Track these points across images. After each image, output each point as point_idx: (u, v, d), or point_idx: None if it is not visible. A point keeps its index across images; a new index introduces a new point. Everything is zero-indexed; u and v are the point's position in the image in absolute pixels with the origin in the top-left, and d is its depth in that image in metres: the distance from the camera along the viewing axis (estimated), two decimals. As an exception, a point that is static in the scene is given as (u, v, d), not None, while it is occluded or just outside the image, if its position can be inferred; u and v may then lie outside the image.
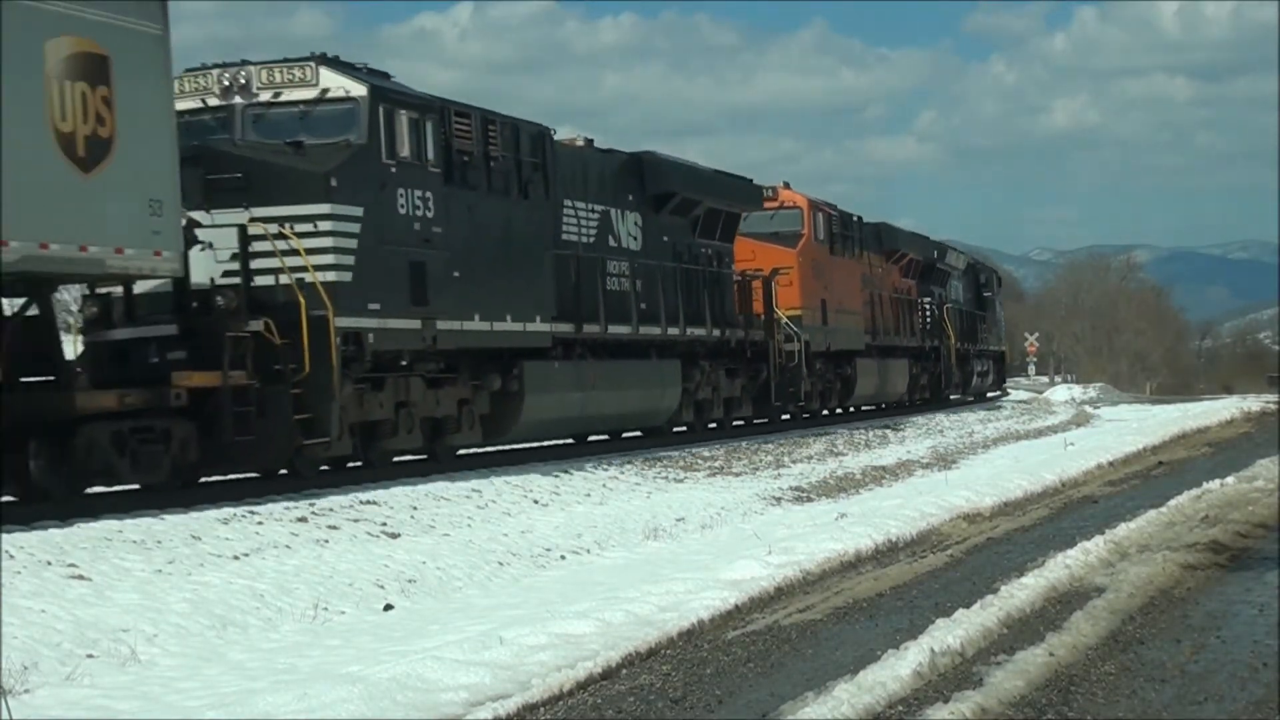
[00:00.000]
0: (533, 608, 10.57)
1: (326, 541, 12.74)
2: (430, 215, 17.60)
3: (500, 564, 12.97)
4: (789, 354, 27.98)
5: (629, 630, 9.48)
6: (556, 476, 17.93)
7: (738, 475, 20.42)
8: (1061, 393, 55.29)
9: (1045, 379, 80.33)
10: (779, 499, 18.35)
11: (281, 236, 15.87)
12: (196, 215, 15.46)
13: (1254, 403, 40.49)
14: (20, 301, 13.97)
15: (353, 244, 16.43)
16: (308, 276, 15.76)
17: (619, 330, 21.86)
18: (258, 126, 17.04)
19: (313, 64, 17.11)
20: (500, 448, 20.72)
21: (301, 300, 15.51)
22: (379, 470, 17.13)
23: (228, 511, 13.39)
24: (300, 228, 15.98)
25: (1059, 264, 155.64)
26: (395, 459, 17.77)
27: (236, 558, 11.73)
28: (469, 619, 10.32)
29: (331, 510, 13.99)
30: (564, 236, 20.87)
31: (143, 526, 12.35)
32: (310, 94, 17.02)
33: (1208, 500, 15.31)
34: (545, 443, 21.93)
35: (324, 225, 16.18)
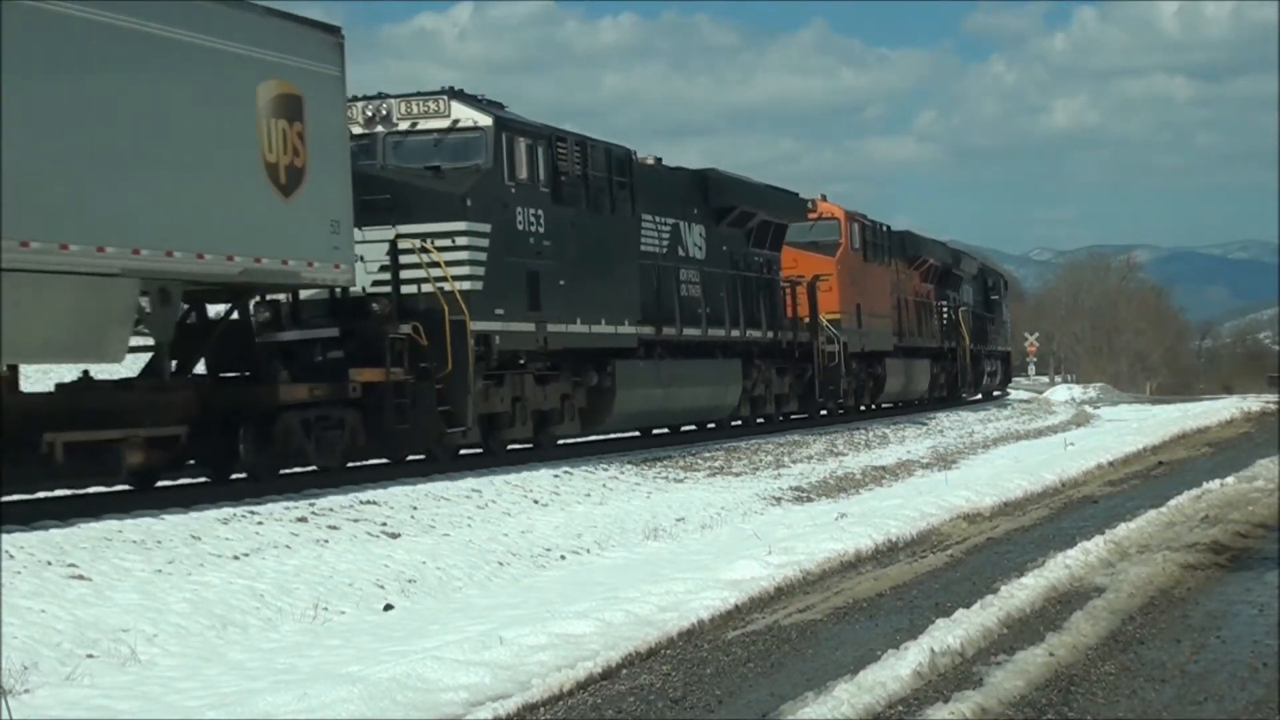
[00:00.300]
0: (533, 608, 10.57)
1: (326, 541, 12.74)
2: (541, 230, 19.88)
3: (500, 564, 12.97)
4: (829, 354, 30.26)
5: (629, 630, 9.48)
6: (557, 476, 17.94)
7: (738, 475, 20.43)
8: (1061, 393, 55.29)
9: (1045, 379, 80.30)
10: (779, 499, 18.35)
11: (424, 250, 17.93)
12: None
13: (1254, 403, 40.50)
14: (223, 308, 16.37)
15: (483, 256, 18.63)
16: (446, 285, 17.86)
17: (691, 333, 24.30)
18: (397, 152, 19.26)
19: (444, 97, 19.38)
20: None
21: (444, 307, 17.63)
22: (379, 470, 17.45)
23: (228, 511, 13.39)
24: (440, 242, 18.11)
25: (1059, 264, 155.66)
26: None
27: (236, 558, 11.73)
28: (469, 619, 10.32)
29: (331, 510, 13.99)
30: (643, 247, 23.08)
31: (143, 526, 12.34)
32: (443, 124, 19.29)
33: (1208, 500, 15.31)
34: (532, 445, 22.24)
35: (460, 240, 18.41)
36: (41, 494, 14.65)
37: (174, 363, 15.23)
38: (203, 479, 15.99)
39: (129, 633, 9.44)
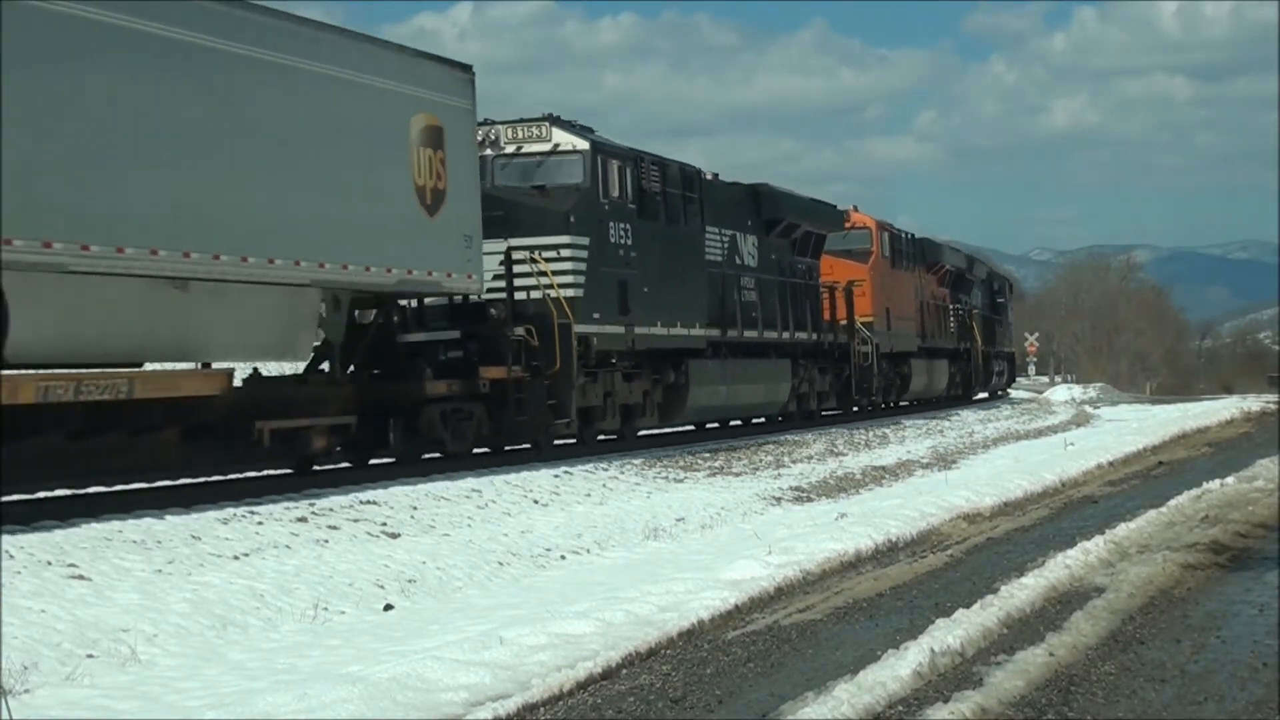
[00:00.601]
0: (533, 608, 10.57)
1: (326, 541, 12.74)
2: (629, 243, 22.27)
3: (500, 564, 12.97)
4: (863, 355, 32.82)
5: (629, 630, 9.48)
6: (557, 476, 17.94)
7: (737, 475, 20.42)
8: (1061, 393, 55.31)
9: (1045, 379, 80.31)
10: (779, 499, 18.34)
11: (533, 260, 20.13)
12: None
13: (1254, 403, 40.53)
14: (373, 313, 18.45)
15: (583, 267, 20.95)
16: (552, 292, 20.07)
17: (749, 335, 26.59)
18: (504, 173, 21.32)
19: (546, 123, 21.75)
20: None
21: (553, 312, 19.82)
22: (379, 470, 17.57)
23: (228, 511, 13.39)
24: (547, 254, 20.35)
25: (1059, 264, 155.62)
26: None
27: (236, 558, 11.73)
28: (469, 619, 10.32)
29: (331, 510, 13.99)
30: (708, 257, 25.32)
31: (143, 526, 12.35)
32: (545, 147, 21.60)
33: (1208, 500, 15.31)
34: (529, 446, 22.43)
35: (564, 252, 20.69)
36: (42, 494, 14.66)
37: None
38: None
39: (129, 633, 9.43)
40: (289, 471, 17.07)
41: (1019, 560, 12.39)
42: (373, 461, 18.33)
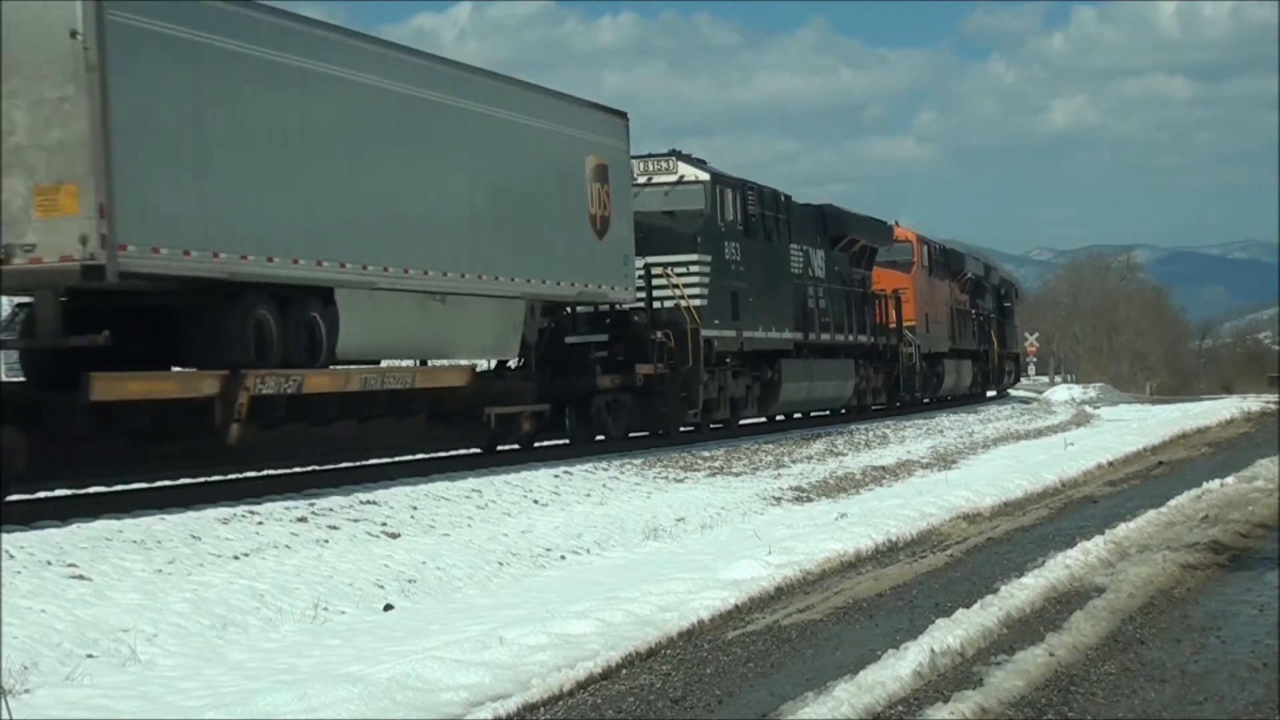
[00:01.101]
0: (533, 608, 10.57)
1: (326, 541, 12.74)
2: (738, 259, 26.36)
3: (500, 564, 12.97)
4: (908, 355, 36.71)
5: (629, 630, 9.48)
6: (557, 477, 17.94)
7: (738, 475, 20.42)
8: (1061, 393, 55.33)
9: (1045, 379, 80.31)
10: (779, 499, 18.34)
11: (666, 275, 24.25)
12: None
13: (1254, 403, 40.54)
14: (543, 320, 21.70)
15: (707, 280, 25.13)
16: (683, 302, 24.29)
17: (824, 338, 30.60)
18: (637, 200, 24.07)
19: (672, 158, 25.83)
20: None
21: (686, 318, 24.03)
22: (379, 470, 17.62)
23: (227, 511, 13.39)
24: (678, 270, 24.50)
25: (1059, 264, 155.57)
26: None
27: (236, 558, 11.73)
28: (469, 619, 10.32)
29: (331, 510, 13.99)
30: (792, 270, 29.27)
31: (143, 526, 12.34)
32: (671, 178, 25.63)
33: (1208, 500, 15.32)
34: (548, 443, 22.69)
35: (693, 268, 24.87)
36: (42, 494, 14.66)
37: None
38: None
39: (129, 633, 9.43)
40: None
41: (1019, 560, 12.39)
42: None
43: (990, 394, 49.15)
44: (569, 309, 22.82)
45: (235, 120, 15.09)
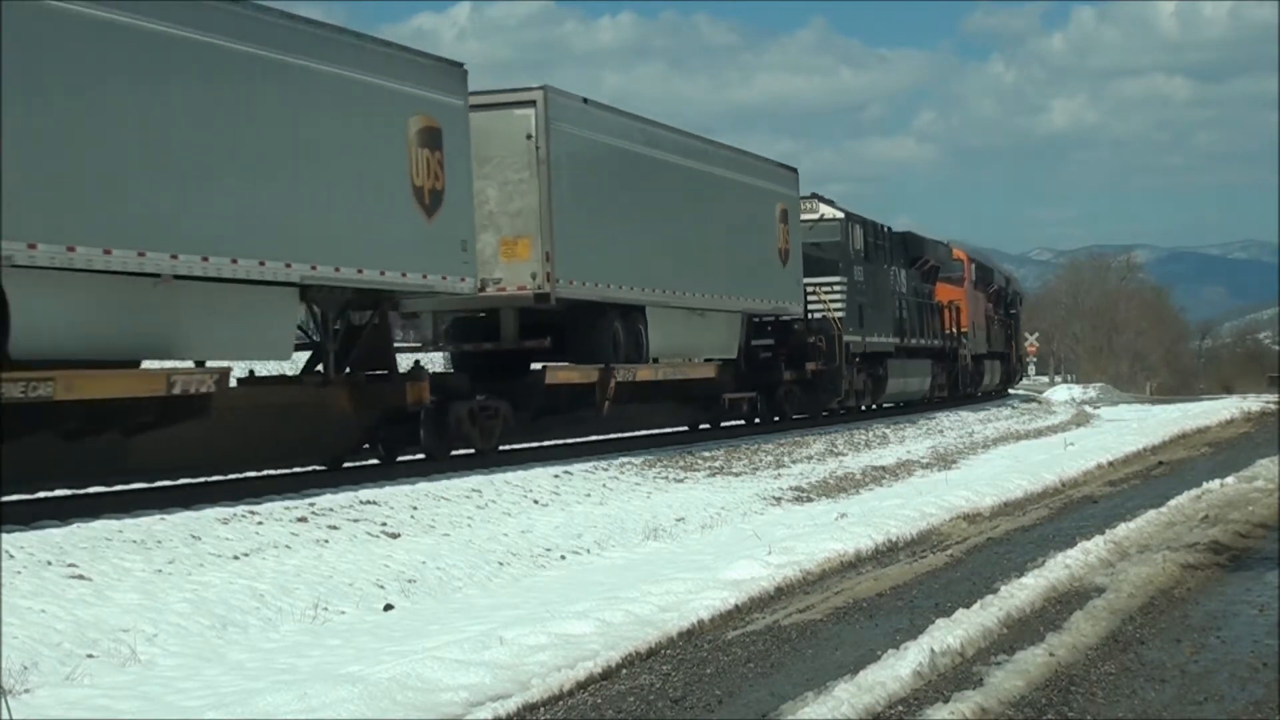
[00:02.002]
0: (533, 608, 10.57)
1: (326, 541, 12.74)
2: (862, 279, 33.66)
3: (500, 564, 12.97)
4: (964, 357, 43.70)
5: (629, 630, 9.48)
6: (557, 477, 17.93)
7: (737, 475, 20.42)
8: (1061, 393, 55.32)
9: (1045, 379, 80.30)
10: (779, 499, 18.34)
11: (817, 292, 31.13)
12: None
13: (1254, 403, 40.53)
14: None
15: (845, 297, 32.34)
16: (830, 314, 31.43)
17: (911, 342, 37.59)
18: None
19: (814, 199, 32.62)
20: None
21: (835, 327, 31.15)
22: (378, 470, 17.69)
23: (227, 511, 13.39)
24: (825, 289, 31.59)
25: (1059, 264, 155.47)
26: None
27: (236, 558, 11.73)
28: (469, 619, 10.32)
29: (331, 510, 13.99)
30: (890, 287, 36.20)
31: (143, 526, 12.34)
32: (813, 216, 32.32)
33: (1208, 500, 15.32)
34: (546, 443, 23.08)
35: (836, 288, 32.07)
36: (42, 494, 14.66)
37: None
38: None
39: (129, 633, 9.43)
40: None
41: (1019, 560, 12.39)
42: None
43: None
44: (756, 319, 29.35)
45: (614, 200, 22.58)
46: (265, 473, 17.23)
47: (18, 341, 12.97)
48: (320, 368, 17.90)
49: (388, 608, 11.04)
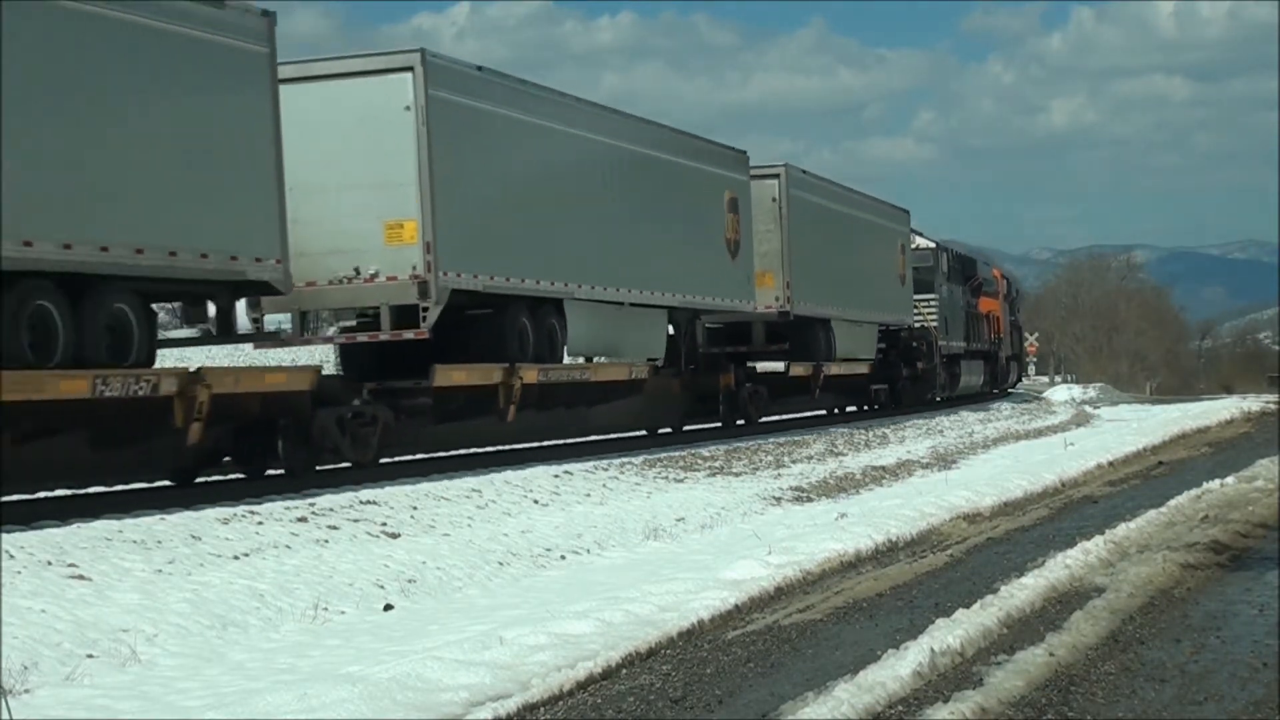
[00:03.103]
0: (533, 608, 10.57)
1: (326, 541, 12.74)
2: (946, 296, 41.72)
3: (500, 564, 12.97)
4: (1001, 358, 51.26)
5: (629, 630, 9.48)
6: (557, 477, 17.93)
7: (738, 475, 20.42)
8: (1061, 393, 55.32)
9: (1045, 379, 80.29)
10: (779, 499, 18.34)
11: (917, 307, 38.90)
12: None
13: (1254, 403, 40.51)
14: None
15: (938, 310, 40.55)
16: (928, 324, 39.43)
17: (973, 346, 45.54)
18: None
19: (911, 232, 39.34)
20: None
21: (933, 335, 39.41)
22: (378, 470, 17.63)
23: (227, 511, 13.39)
24: (924, 304, 39.44)
25: (1059, 264, 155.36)
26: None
27: (236, 558, 11.73)
28: (469, 619, 10.32)
29: (331, 510, 13.99)
30: (958, 300, 43.97)
31: (143, 526, 12.34)
32: (913, 245, 39.23)
33: (1208, 500, 15.31)
34: (545, 443, 22.91)
35: (932, 303, 40.10)
36: (42, 494, 14.66)
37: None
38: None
39: (129, 633, 9.43)
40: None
41: (1019, 560, 12.39)
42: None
43: (1011, 390, 59.11)
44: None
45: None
46: (267, 473, 17.19)
47: (571, 345, 21.90)
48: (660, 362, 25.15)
49: (388, 608, 11.03)
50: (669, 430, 27.10)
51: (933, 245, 40.94)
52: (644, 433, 26.53)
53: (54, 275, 13.68)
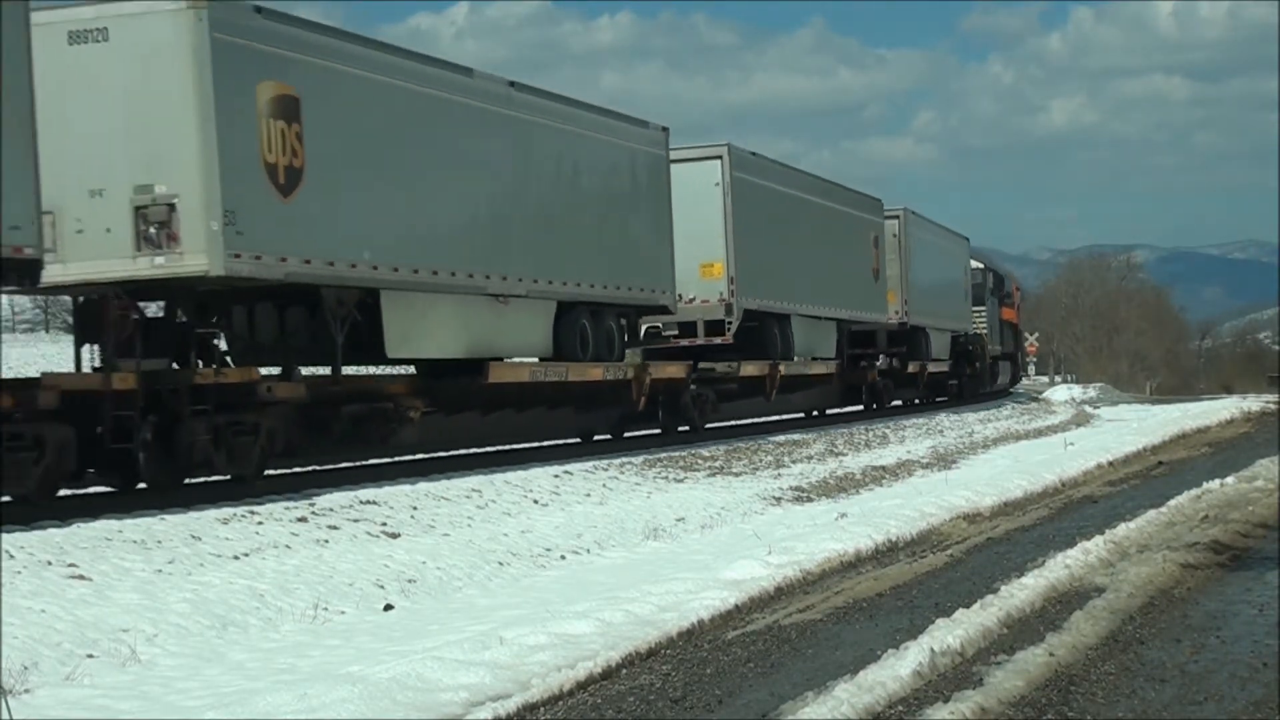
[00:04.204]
0: (533, 608, 10.57)
1: (326, 541, 12.74)
2: (989, 308, 49.50)
3: (500, 564, 12.97)
4: (1019, 359, 59.18)
5: (629, 630, 9.48)
6: (557, 477, 17.93)
7: (738, 475, 20.42)
8: (1061, 393, 55.33)
9: (1045, 379, 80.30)
10: (779, 499, 18.34)
11: (974, 319, 47.22)
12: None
13: (1254, 403, 40.51)
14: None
15: (986, 320, 48.73)
16: (979, 331, 47.74)
17: (1003, 350, 52.79)
18: None
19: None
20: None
21: (984, 340, 48.04)
22: (378, 470, 17.63)
23: (228, 511, 13.39)
24: (977, 315, 47.55)
25: (1059, 264, 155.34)
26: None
27: (236, 558, 11.73)
28: (469, 619, 10.32)
29: (331, 510, 13.99)
30: (994, 311, 50.88)
31: (143, 526, 12.34)
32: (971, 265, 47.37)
33: (1208, 500, 15.31)
34: (547, 442, 22.93)
35: (983, 314, 48.49)
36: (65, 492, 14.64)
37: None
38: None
39: (129, 633, 9.44)
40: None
41: (1019, 560, 12.39)
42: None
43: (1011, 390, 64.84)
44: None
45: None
46: (266, 473, 17.18)
47: (797, 349, 30.47)
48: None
49: (388, 608, 11.03)
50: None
51: (981, 266, 50.15)
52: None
53: (589, 304, 22.59)
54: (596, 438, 24.82)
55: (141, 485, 14.90)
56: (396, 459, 19.18)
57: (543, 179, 21.25)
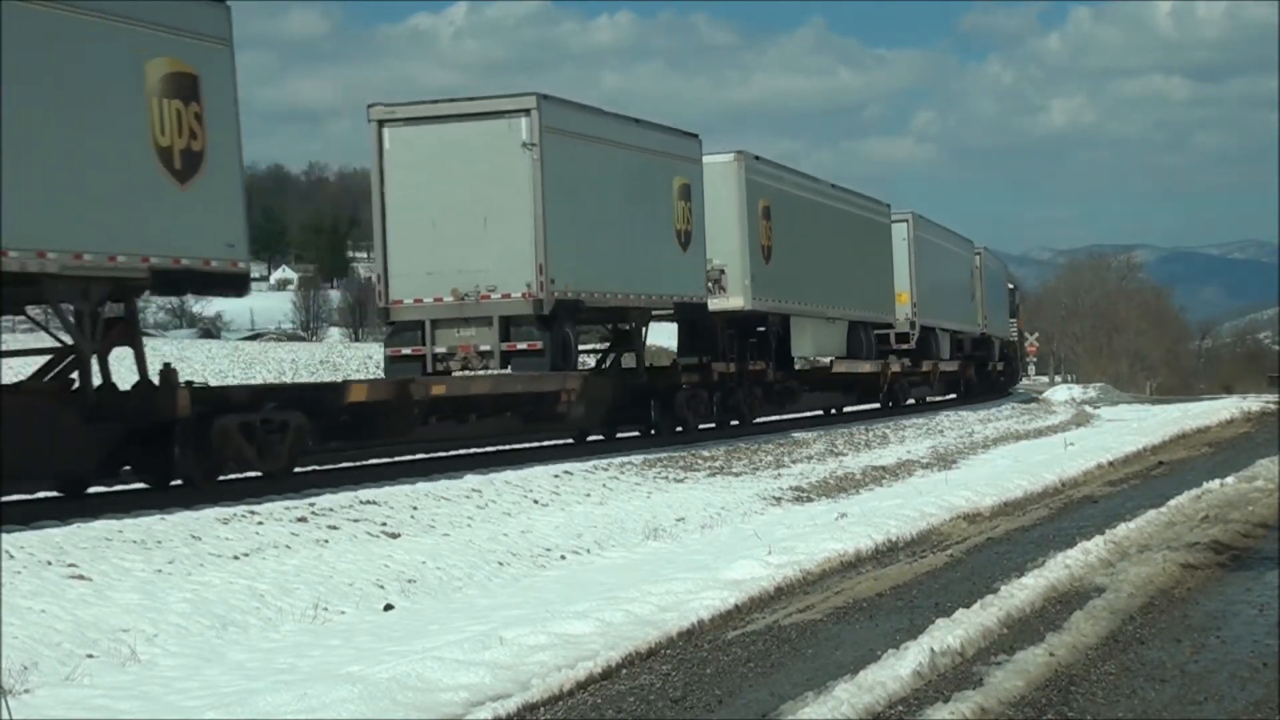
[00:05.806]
0: (533, 608, 10.57)
1: (326, 541, 12.74)
2: (1014, 317, 59.60)
3: (500, 564, 12.97)
4: (1024, 359, 66.12)
5: (629, 630, 9.48)
6: (557, 477, 17.93)
7: (738, 475, 20.42)
8: (1061, 393, 55.32)
9: (1045, 379, 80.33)
10: (779, 499, 18.34)
11: (1009, 330, 58.01)
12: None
13: (1254, 403, 40.52)
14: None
15: (1015, 329, 59.77)
16: (1009, 337, 57.19)
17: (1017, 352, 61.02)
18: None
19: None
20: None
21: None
22: (378, 470, 17.68)
23: (228, 511, 13.39)
24: (1010, 325, 58.11)
25: (1059, 264, 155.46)
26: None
27: (236, 558, 11.73)
28: (469, 619, 10.32)
29: (331, 510, 13.99)
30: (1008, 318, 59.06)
31: (143, 526, 12.34)
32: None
33: (1208, 500, 15.31)
34: (547, 443, 22.96)
35: (1013, 326, 58.90)
36: (41, 494, 14.65)
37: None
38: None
39: (129, 633, 9.44)
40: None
41: (1019, 560, 12.39)
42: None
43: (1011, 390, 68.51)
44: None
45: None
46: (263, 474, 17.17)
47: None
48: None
49: (388, 608, 11.03)
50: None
51: (1011, 286, 58.07)
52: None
53: (860, 322, 35.69)
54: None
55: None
56: (396, 459, 19.20)
57: (844, 246, 34.17)
